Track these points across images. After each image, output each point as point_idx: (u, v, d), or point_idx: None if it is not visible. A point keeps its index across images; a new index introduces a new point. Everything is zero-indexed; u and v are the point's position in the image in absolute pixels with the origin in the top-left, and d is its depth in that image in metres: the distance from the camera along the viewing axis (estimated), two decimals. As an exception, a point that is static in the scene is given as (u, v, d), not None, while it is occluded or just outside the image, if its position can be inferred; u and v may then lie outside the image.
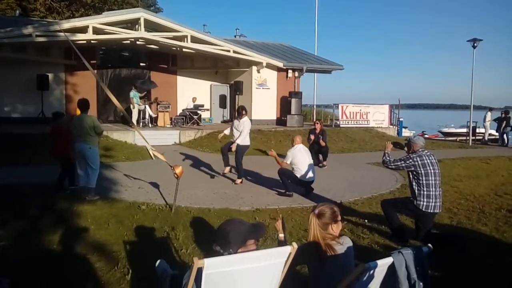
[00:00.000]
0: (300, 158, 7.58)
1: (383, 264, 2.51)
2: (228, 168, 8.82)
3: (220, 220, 5.81)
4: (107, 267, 4.24)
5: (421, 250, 2.65)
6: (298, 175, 7.52)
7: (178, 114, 18.56)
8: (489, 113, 19.96)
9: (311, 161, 7.79)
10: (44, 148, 8.56)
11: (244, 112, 8.64)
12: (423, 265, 2.61)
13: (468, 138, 19.73)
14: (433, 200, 5.10)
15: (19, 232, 5.23)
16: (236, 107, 18.09)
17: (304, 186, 7.70)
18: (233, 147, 8.46)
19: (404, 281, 2.55)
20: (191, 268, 2.08)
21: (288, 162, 7.60)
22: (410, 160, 5.18)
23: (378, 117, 20.01)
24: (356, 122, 19.54)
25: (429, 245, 2.75)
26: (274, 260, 2.37)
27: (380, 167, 10.43)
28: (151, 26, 15.97)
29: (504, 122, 18.34)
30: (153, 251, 4.69)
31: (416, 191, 5.16)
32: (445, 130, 31.09)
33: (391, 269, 2.57)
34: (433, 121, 46.07)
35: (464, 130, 24.27)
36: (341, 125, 19.18)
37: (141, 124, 16.54)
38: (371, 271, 2.46)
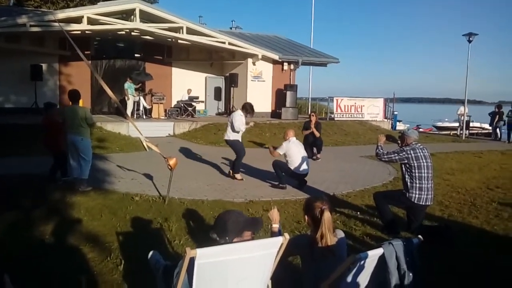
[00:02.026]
0: (294, 151, 7.60)
1: (373, 255, 2.54)
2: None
3: (213, 212, 5.85)
4: (100, 258, 4.25)
5: (411, 242, 2.68)
6: (292, 167, 7.55)
7: (172, 106, 18.49)
8: (461, 108, 20.04)
9: (305, 154, 7.82)
10: (37, 139, 8.52)
11: None
12: (413, 256, 2.65)
13: (461, 132, 19.82)
14: (425, 193, 5.14)
15: (11, 223, 5.21)
16: (231, 99, 18.16)
17: (297, 179, 7.73)
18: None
19: (394, 271, 2.58)
20: (183, 258, 2.09)
21: (281, 153, 7.62)
22: (404, 153, 5.21)
23: (372, 110, 20.06)
24: (351, 116, 19.57)
25: (419, 236, 2.78)
26: (266, 251, 2.39)
27: (373, 160, 10.49)
28: (146, 17, 15.85)
29: (497, 116, 18.45)
30: (146, 242, 4.71)
31: (408, 183, 5.20)
32: (439, 124, 31.24)
33: (382, 260, 2.60)
34: (427, 115, 46.24)
35: (458, 124, 24.37)
36: (335, 118, 19.20)
37: (135, 115, 16.49)
38: (362, 262, 2.49)
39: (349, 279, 2.51)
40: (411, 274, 2.59)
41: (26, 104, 15.80)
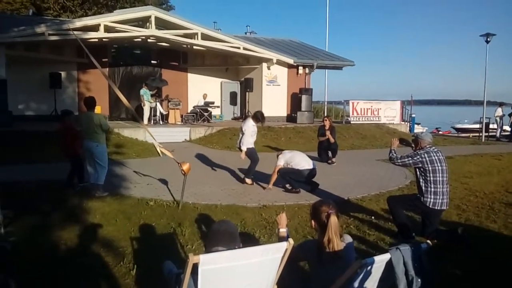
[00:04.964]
0: (292, 155, 7.73)
1: (380, 260, 2.52)
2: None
3: (226, 217, 5.89)
4: (114, 262, 4.32)
5: (420, 247, 2.65)
6: (300, 168, 7.53)
7: (188, 111, 18.65)
8: (499, 109, 19.66)
9: (305, 155, 7.84)
10: (56, 146, 8.69)
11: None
12: (422, 261, 2.61)
13: (481, 134, 19.46)
14: (440, 197, 5.05)
15: (29, 228, 5.33)
16: (247, 104, 18.22)
17: (308, 180, 7.68)
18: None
19: (401, 277, 2.55)
20: (186, 263, 2.10)
21: (282, 164, 7.65)
22: (418, 157, 5.12)
23: (389, 113, 19.86)
24: (367, 119, 19.42)
25: (428, 241, 2.74)
26: (271, 256, 2.39)
27: (389, 164, 10.28)
28: (162, 24, 16.07)
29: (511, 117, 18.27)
30: (159, 247, 4.78)
31: (423, 188, 5.12)
32: (458, 126, 30.71)
33: (389, 265, 2.57)
34: (447, 117, 45.58)
35: (477, 126, 23.94)
36: (351, 122, 19.07)
37: (152, 121, 16.67)
38: (369, 267, 2.47)
39: (356, 284, 2.49)
40: (419, 279, 2.55)
41: (45, 112, 16.17)
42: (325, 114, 21.71)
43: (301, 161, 7.61)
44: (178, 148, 12.34)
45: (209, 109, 18.49)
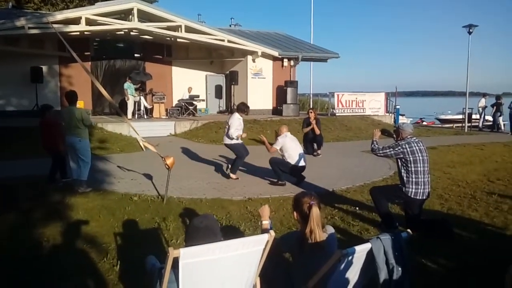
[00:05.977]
0: (290, 145, 7.62)
1: (361, 250, 2.53)
2: None
3: (211, 210, 5.88)
4: (97, 258, 4.27)
5: (400, 236, 2.67)
6: (291, 162, 7.53)
7: (173, 105, 18.49)
8: (482, 99, 19.98)
9: (301, 149, 7.82)
10: (37, 141, 8.56)
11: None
12: (402, 250, 2.63)
13: (463, 124, 19.74)
14: (422, 187, 5.10)
15: (11, 224, 5.25)
16: (232, 97, 18.16)
17: (296, 175, 7.71)
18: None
19: (382, 266, 2.57)
20: (167, 258, 2.08)
21: (278, 148, 7.61)
22: (399, 147, 5.16)
23: (374, 105, 19.98)
24: (352, 111, 19.50)
25: (409, 230, 2.77)
26: (252, 248, 2.38)
27: (374, 155, 10.44)
28: (144, 17, 15.86)
29: (495, 107, 18.56)
30: (143, 242, 4.75)
31: (404, 178, 5.16)
32: (442, 117, 31.11)
33: (370, 255, 2.59)
34: (431, 108, 46.13)
35: (461, 116, 24.29)
36: (337, 114, 19.14)
37: (136, 115, 16.51)
38: (349, 257, 2.48)
39: (337, 275, 2.51)
40: (400, 268, 2.58)
41: (27, 107, 15.88)
42: (311, 107, 21.75)
43: (295, 155, 7.57)
44: (163, 142, 12.27)
45: (194, 102, 18.38)
